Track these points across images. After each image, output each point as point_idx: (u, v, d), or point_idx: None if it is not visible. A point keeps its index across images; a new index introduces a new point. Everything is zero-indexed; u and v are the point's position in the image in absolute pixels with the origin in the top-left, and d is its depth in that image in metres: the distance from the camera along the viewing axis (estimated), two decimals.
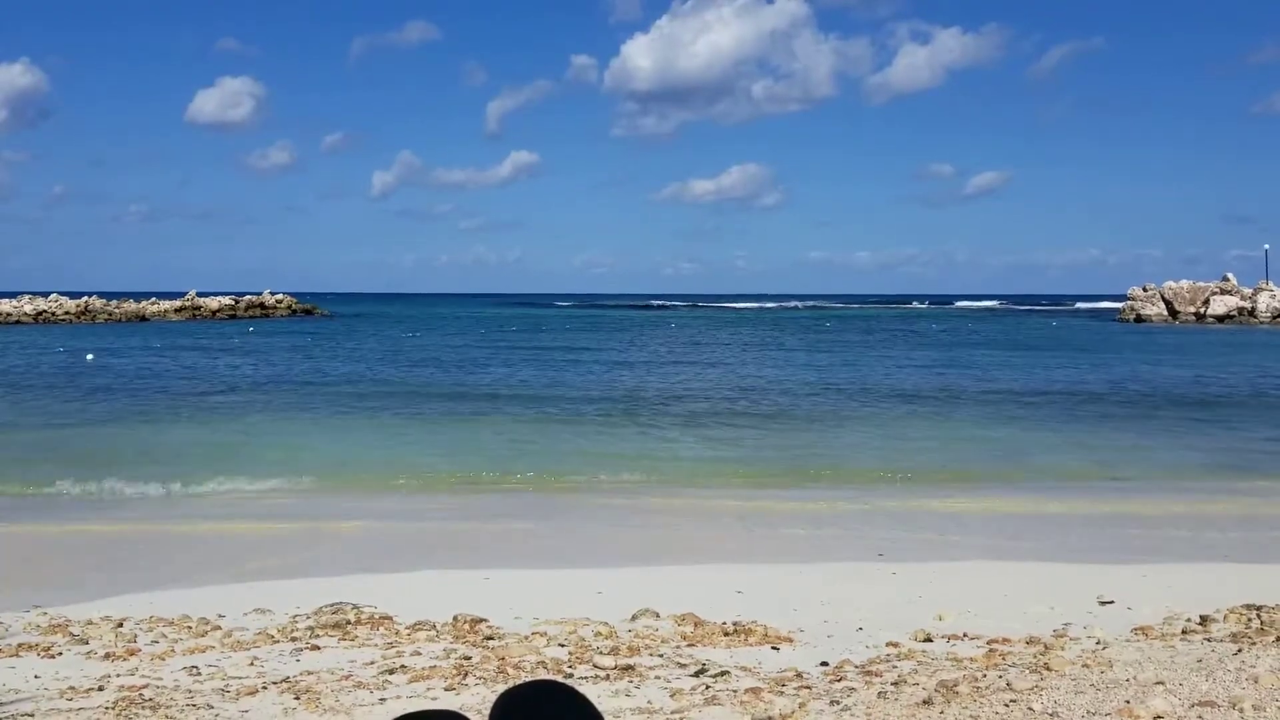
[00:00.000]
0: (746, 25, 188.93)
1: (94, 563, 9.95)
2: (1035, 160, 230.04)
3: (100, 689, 5.76)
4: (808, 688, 5.58)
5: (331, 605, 7.60)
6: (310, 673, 6.04)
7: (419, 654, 6.45)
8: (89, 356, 37.35)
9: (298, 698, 5.54)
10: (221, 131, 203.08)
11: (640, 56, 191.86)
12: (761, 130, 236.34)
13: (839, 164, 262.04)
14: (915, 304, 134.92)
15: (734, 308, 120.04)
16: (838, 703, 5.16)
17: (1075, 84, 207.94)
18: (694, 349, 44.82)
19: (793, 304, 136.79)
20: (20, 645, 6.76)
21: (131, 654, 6.52)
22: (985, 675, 5.35)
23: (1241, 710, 4.33)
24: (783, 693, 5.47)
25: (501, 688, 5.09)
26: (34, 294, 71.18)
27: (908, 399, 24.18)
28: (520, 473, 14.57)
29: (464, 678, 5.85)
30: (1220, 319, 65.46)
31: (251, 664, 6.30)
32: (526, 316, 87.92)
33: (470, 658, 6.30)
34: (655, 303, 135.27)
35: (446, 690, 5.66)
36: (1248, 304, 66.20)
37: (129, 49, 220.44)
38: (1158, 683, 4.78)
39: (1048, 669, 5.34)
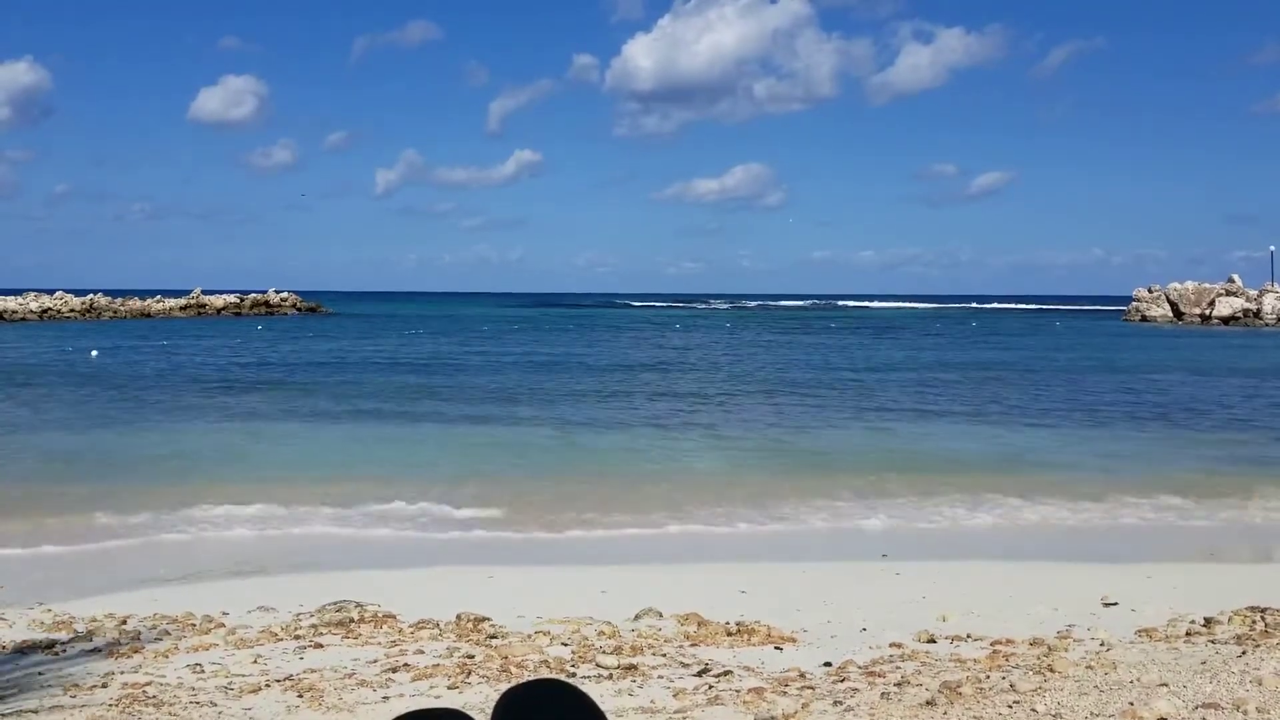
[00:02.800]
0: (749, 25, 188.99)
1: (98, 559, 9.97)
2: (1038, 160, 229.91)
3: (104, 686, 5.77)
4: (811, 688, 5.57)
5: (335, 603, 7.61)
6: (313, 670, 6.04)
7: (422, 652, 6.46)
8: (93, 353, 37.39)
9: (301, 695, 5.54)
10: (224, 130, 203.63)
11: (642, 56, 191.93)
12: (764, 130, 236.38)
13: (841, 163, 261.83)
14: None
15: (735, 307, 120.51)
16: (841, 703, 5.16)
17: (1077, 84, 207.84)
18: (696, 348, 44.82)
19: (793, 303, 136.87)
20: (24, 641, 6.77)
21: (135, 651, 6.53)
22: (989, 676, 5.35)
23: (1245, 712, 4.32)
24: (786, 693, 5.46)
25: (504, 686, 5.09)
26: (39, 291, 71.16)
27: (912, 398, 24.15)
28: (522, 472, 14.57)
29: (467, 676, 5.86)
30: (1226, 321, 65.37)
31: (255, 661, 6.30)
32: (530, 317, 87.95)
33: (473, 656, 6.30)
34: (659, 303, 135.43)
35: (449, 689, 5.66)
36: (1253, 305, 66.11)
37: (132, 47, 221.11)
38: (1161, 684, 4.77)
39: (1051, 670, 5.33)
